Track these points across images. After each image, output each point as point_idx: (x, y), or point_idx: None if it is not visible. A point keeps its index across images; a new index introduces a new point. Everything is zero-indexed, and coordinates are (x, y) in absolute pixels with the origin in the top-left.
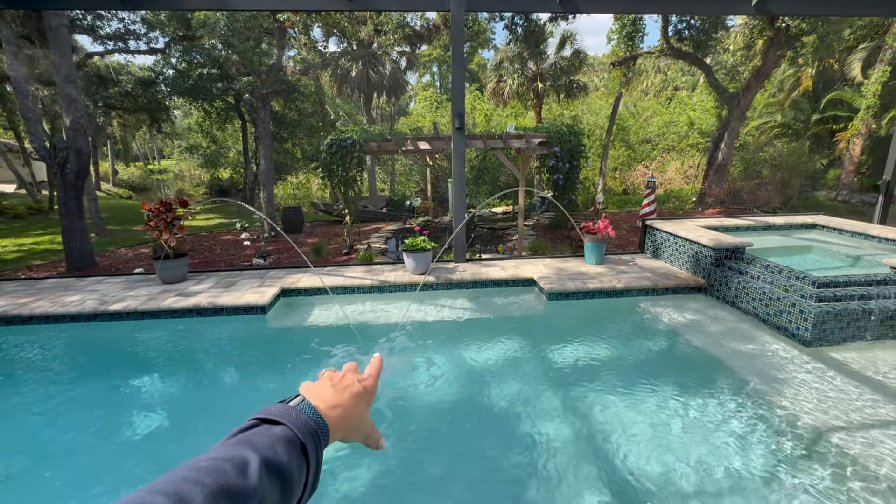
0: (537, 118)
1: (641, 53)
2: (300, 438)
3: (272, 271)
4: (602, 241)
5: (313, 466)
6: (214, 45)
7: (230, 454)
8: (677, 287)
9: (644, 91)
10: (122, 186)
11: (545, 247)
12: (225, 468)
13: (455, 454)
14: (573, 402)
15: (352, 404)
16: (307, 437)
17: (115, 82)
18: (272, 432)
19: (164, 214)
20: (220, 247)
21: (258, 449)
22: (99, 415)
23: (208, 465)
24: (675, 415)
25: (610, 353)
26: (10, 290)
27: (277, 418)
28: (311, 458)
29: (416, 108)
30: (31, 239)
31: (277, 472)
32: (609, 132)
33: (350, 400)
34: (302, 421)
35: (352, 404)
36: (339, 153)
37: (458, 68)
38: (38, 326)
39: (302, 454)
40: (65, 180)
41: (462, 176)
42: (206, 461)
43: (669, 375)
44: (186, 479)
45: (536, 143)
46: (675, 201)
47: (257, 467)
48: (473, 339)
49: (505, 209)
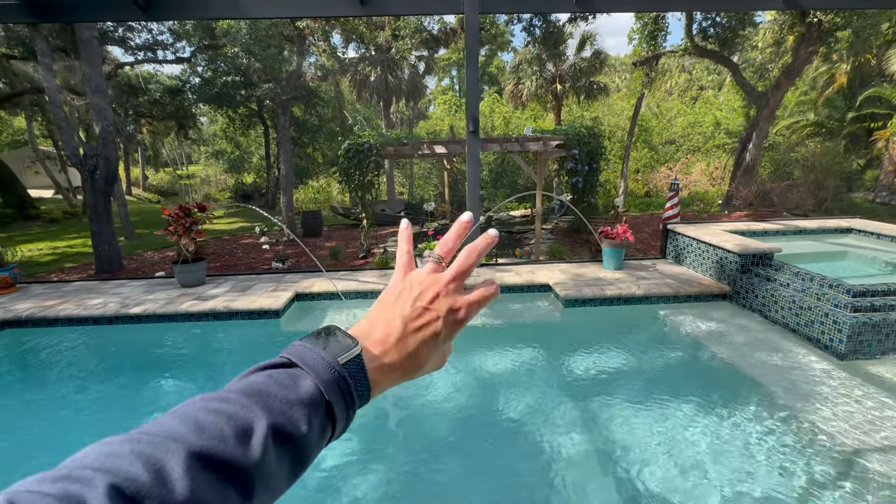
0: (556, 120)
1: (664, 53)
2: (327, 399)
3: (287, 276)
4: (621, 245)
5: (340, 428)
6: (237, 53)
7: (235, 411)
8: (700, 294)
9: (668, 91)
10: (152, 191)
11: (563, 251)
12: (223, 432)
13: (465, 464)
14: (589, 414)
15: (420, 358)
16: (336, 397)
17: (144, 91)
18: (296, 389)
19: (183, 219)
20: (241, 250)
21: (271, 411)
22: (115, 415)
23: (206, 421)
24: (698, 431)
25: (628, 363)
26: (39, 292)
27: (308, 369)
28: (338, 422)
29: (434, 112)
30: (65, 242)
31: (290, 444)
32: (631, 133)
33: (421, 352)
34: (337, 378)
35: (420, 358)
36: (356, 157)
37: (473, 71)
38: (62, 328)
39: (327, 416)
40: (94, 186)
41: (477, 179)
42: (211, 411)
43: (691, 388)
44: (175, 437)
45: (554, 145)
46: (700, 204)
47: (262, 437)
48: (486, 345)
49: (523, 212)
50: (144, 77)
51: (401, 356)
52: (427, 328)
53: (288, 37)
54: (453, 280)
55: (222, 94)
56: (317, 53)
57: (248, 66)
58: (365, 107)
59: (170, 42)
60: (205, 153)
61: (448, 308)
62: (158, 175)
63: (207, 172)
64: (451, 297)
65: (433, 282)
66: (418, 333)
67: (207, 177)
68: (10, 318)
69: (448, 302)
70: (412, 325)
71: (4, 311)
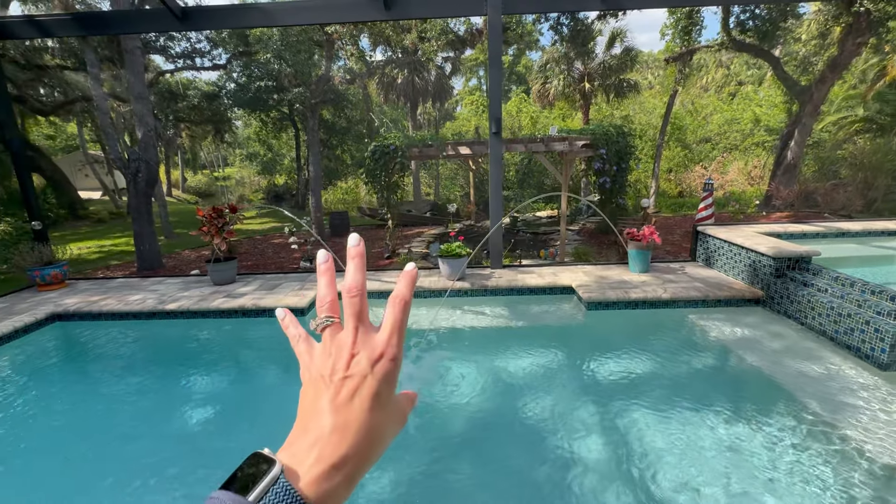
0: (585, 119)
1: (699, 48)
2: None
3: (313, 275)
4: (647, 248)
5: None
6: (269, 59)
7: None
8: (731, 299)
9: (703, 87)
10: (191, 193)
11: (589, 253)
12: None
13: (481, 465)
14: (609, 419)
15: (374, 430)
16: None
17: (183, 97)
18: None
19: (215, 220)
20: (271, 250)
21: None
22: (152, 403)
23: None
24: (724, 442)
25: (652, 368)
26: (85, 288)
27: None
28: None
29: (461, 113)
30: (110, 241)
31: None
32: (662, 132)
33: (371, 424)
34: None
35: (374, 430)
36: (381, 159)
37: (496, 72)
38: (105, 322)
39: None
40: (137, 188)
41: (499, 181)
42: None
43: (718, 396)
44: None
45: (580, 145)
46: (736, 205)
47: None
48: (506, 347)
49: (550, 213)
50: (184, 84)
51: (348, 444)
52: (359, 394)
53: (317, 42)
54: (355, 331)
55: (256, 98)
56: (345, 57)
57: (280, 71)
58: (392, 108)
59: (207, 50)
60: (239, 156)
61: (369, 360)
62: (196, 177)
63: (242, 174)
64: (366, 347)
65: (339, 346)
66: (353, 407)
67: (242, 178)
68: (59, 311)
69: (366, 354)
70: (341, 403)
71: (55, 305)
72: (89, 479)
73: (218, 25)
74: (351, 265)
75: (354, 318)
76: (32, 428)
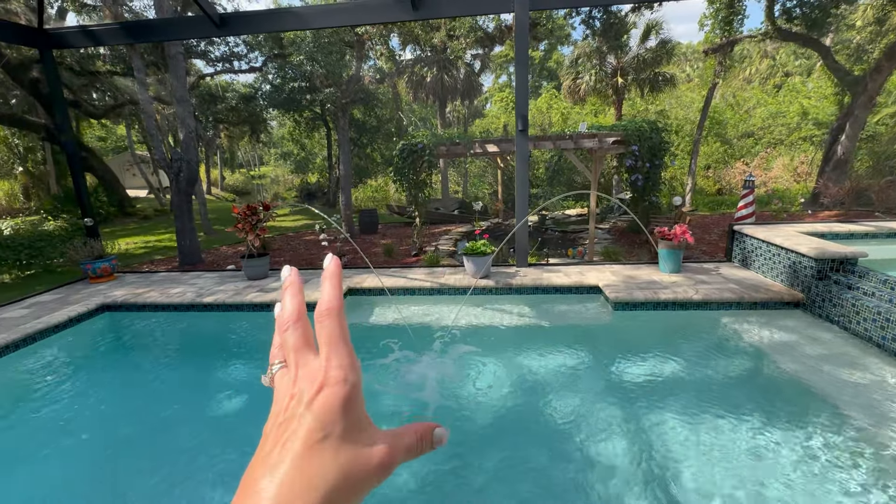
0: (617, 115)
1: (741, 38)
2: None
3: (342, 271)
4: (679, 247)
5: None
6: (302, 61)
7: None
8: (768, 301)
9: (746, 79)
10: (229, 191)
11: (619, 252)
12: None
13: (502, 465)
14: (634, 423)
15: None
16: None
17: (222, 99)
18: None
19: (249, 217)
20: (303, 246)
21: None
22: (189, 389)
23: None
24: (755, 450)
25: (681, 372)
26: (131, 281)
27: None
28: None
29: (491, 110)
30: (155, 237)
31: None
32: (700, 127)
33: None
34: None
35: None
36: (409, 157)
37: (522, 69)
38: (149, 313)
39: None
40: (178, 187)
41: (525, 179)
42: None
43: (751, 403)
44: None
45: (611, 142)
46: (780, 203)
47: None
48: (530, 346)
49: (580, 211)
50: (222, 86)
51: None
52: (292, 438)
53: (348, 43)
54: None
55: (290, 99)
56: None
57: (313, 72)
58: (421, 107)
59: (244, 53)
60: (274, 155)
61: (309, 395)
62: (234, 176)
63: (276, 173)
64: (306, 381)
65: (280, 392)
66: (285, 456)
67: (276, 177)
68: (108, 302)
69: (306, 388)
70: (275, 459)
71: (104, 297)
72: (132, 460)
73: (254, 30)
74: (286, 294)
75: (294, 353)
76: (82, 410)
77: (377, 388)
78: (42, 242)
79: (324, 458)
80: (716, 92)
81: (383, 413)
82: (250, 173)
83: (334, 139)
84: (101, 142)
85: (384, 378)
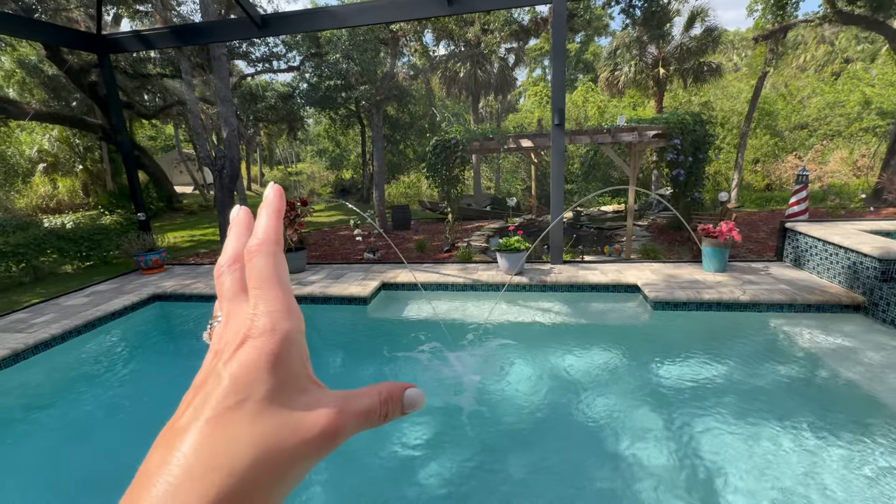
0: (658, 107)
1: (795, 23)
2: None
3: (376, 266)
4: (724, 245)
5: None
6: (338, 59)
7: None
8: (824, 304)
9: (800, 67)
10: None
11: (658, 250)
12: None
13: (534, 463)
14: (674, 427)
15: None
16: None
17: (262, 98)
18: None
19: (287, 213)
20: (338, 241)
21: None
22: None
23: None
24: (806, 461)
25: (725, 375)
26: (180, 272)
27: None
28: None
29: (524, 105)
30: (200, 231)
31: None
32: (748, 118)
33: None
34: None
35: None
36: (442, 153)
37: (559, 62)
38: (196, 303)
39: None
40: (222, 183)
41: (561, 174)
42: None
43: (803, 411)
44: None
45: (651, 135)
46: (837, 199)
47: None
48: (565, 345)
49: (616, 208)
50: (262, 85)
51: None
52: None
53: (382, 40)
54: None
55: (326, 97)
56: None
57: (348, 70)
58: (454, 102)
59: (283, 53)
60: (310, 152)
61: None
62: (272, 172)
63: (312, 169)
64: (234, 326)
65: (211, 350)
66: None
67: (312, 173)
68: (159, 292)
69: (228, 336)
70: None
71: (155, 287)
72: None
73: (293, 30)
74: (229, 235)
75: (228, 302)
76: (132, 395)
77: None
78: (100, 235)
79: (237, 428)
80: (766, 81)
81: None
82: (287, 170)
83: (368, 136)
84: (152, 141)
85: (417, 374)
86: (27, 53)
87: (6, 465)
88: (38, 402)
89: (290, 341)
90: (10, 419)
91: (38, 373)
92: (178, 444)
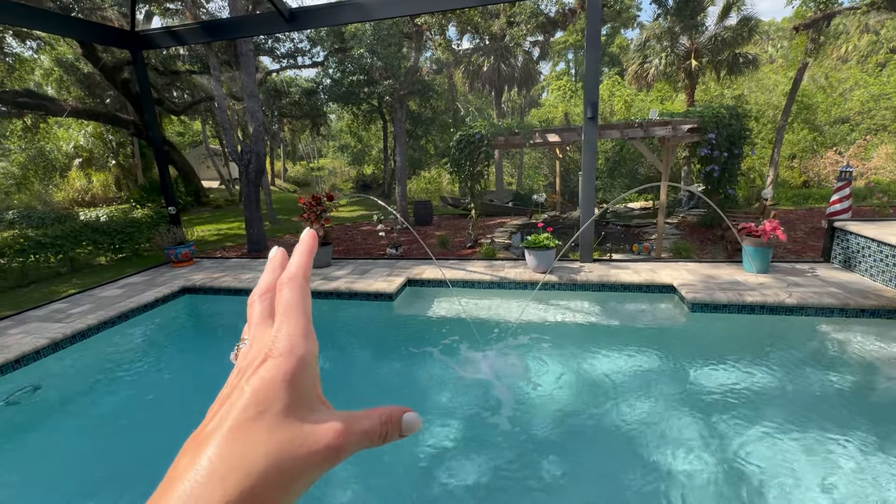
0: (689, 101)
1: (840, 11)
2: None
3: (401, 262)
4: (767, 245)
5: None
6: (362, 53)
7: None
8: (880, 309)
9: (842, 58)
10: (290, 182)
11: (690, 249)
12: None
13: (566, 467)
14: (713, 435)
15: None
16: None
17: (286, 94)
18: None
19: (315, 207)
20: (360, 236)
21: None
22: None
23: None
24: (855, 474)
25: (769, 382)
26: (208, 266)
27: None
28: None
29: (548, 99)
30: (226, 225)
31: None
32: (786, 112)
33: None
34: None
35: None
36: (466, 148)
37: (593, 52)
38: (224, 297)
39: None
40: (248, 178)
41: (592, 170)
42: None
43: (855, 421)
44: None
45: (685, 129)
46: (883, 197)
47: None
48: (597, 346)
49: (643, 205)
50: (287, 81)
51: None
52: (228, 415)
53: (407, 34)
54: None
55: (349, 92)
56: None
57: (371, 64)
58: (477, 97)
59: (307, 49)
60: (332, 147)
61: (252, 370)
62: (295, 168)
63: (334, 165)
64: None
65: (235, 370)
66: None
67: (334, 169)
68: (188, 285)
69: (251, 356)
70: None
71: (185, 280)
72: None
73: (320, 24)
74: (265, 271)
75: (255, 328)
76: (160, 382)
77: (434, 384)
78: (132, 228)
79: (256, 437)
80: (805, 73)
81: (444, 408)
82: (310, 165)
83: (390, 131)
84: (180, 136)
85: (446, 374)
86: (64, 52)
87: (44, 450)
88: (75, 389)
89: (304, 363)
90: (49, 409)
91: (75, 362)
92: (204, 448)
